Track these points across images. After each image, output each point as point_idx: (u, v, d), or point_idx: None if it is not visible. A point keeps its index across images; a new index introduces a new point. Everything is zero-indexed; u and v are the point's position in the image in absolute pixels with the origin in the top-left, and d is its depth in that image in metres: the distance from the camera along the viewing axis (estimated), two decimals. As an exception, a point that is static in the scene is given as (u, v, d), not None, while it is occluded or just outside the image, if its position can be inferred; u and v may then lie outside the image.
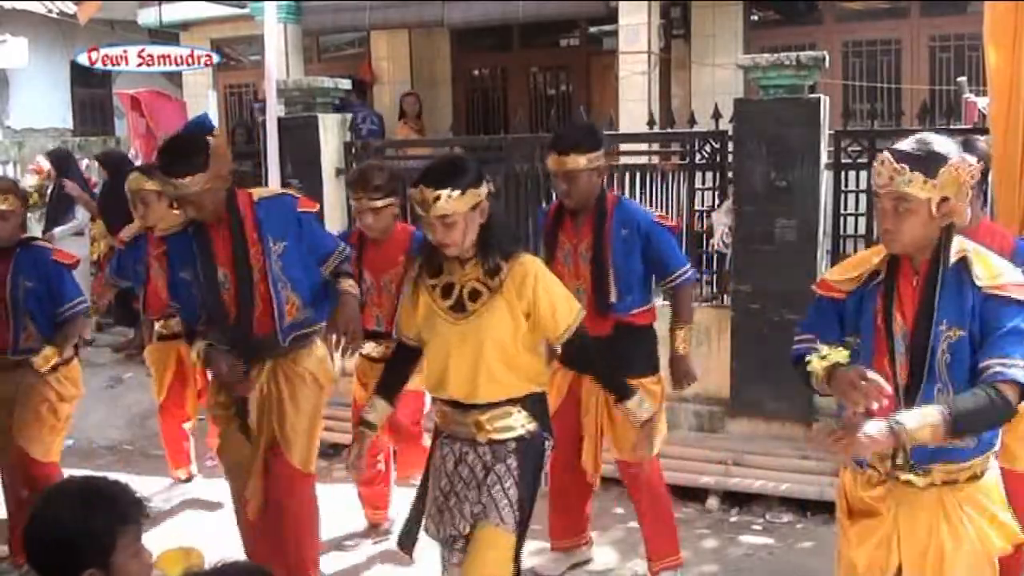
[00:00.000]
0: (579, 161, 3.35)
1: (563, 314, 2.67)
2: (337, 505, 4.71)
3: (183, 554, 1.95)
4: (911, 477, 2.32)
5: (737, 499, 4.61)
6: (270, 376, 3.27)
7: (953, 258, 2.29)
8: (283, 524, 3.33)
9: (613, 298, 3.44)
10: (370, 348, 4.00)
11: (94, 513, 1.80)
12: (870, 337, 2.36)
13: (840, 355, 2.21)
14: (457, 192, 2.53)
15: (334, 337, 3.21)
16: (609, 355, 3.38)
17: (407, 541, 2.88)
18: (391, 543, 4.23)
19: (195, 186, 2.98)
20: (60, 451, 4.06)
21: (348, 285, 3.29)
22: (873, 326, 2.36)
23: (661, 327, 3.69)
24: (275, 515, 3.33)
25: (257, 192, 3.29)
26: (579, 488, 3.75)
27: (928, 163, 2.21)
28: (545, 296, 2.63)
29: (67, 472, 3.86)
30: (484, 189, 2.62)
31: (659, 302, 3.88)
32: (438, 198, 2.53)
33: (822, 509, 4.36)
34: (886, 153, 2.26)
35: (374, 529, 4.34)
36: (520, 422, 2.69)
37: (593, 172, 3.39)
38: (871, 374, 2.12)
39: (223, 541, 3.40)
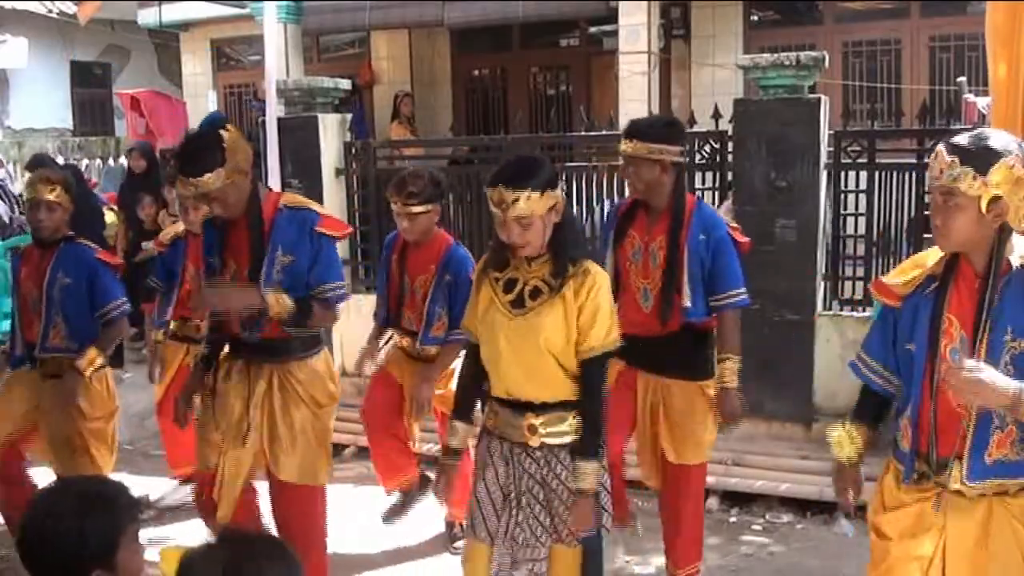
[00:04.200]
0: (640, 148, 3.26)
1: (598, 334, 2.60)
2: (337, 504, 4.72)
3: (184, 552, 1.95)
4: (961, 487, 2.25)
5: (737, 499, 4.60)
6: (269, 383, 3.20)
7: (1018, 262, 2.18)
8: (280, 530, 3.27)
9: (688, 302, 3.33)
10: (407, 342, 4.02)
11: (97, 514, 1.80)
12: (924, 347, 2.27)
13: (854, 448, 2.49)
14: (536, 193, 2.48)
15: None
16: (670, 357, 3.34)
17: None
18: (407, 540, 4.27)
19: (217, 182, 2.93)
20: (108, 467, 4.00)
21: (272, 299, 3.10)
22: (927, 335, 2.26)
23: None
24: (278, 522, 3.30)
25: (286, 199, 3.24)
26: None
27: (980, 159, 2.10)
28: (593, 308, 2.59)
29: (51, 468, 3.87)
30: (559, 190, 2.58)
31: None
32: (517, 199, 2.47)
33: (822, 509, 4.37)
34: (940, 145, 2.17)
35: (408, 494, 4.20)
36: (574, 427, 2.64)
37: (656, 164, 3.27)
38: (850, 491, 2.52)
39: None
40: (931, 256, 2.35)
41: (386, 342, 4.16)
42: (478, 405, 2.86)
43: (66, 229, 3.86)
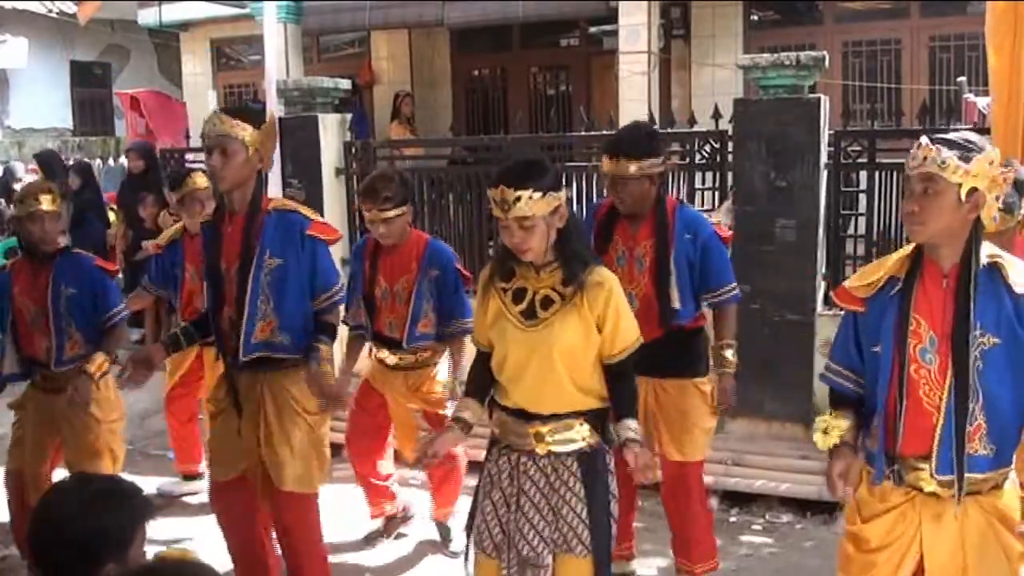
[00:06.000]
0: (628, 167, 3.22)
1: (623, 335, 2.58)
2: (337, 504, 4.72)
3: (180, 556, 1.96)
4: (935, 488, 2.26)
5: (737, 499, 4.60)
6: (261, 390, 3.18)
7: (985, 261, 2.21)
8: (282, 538, 3.28)
9: (677, 304, 3.33)
10: (385, 354, 3.97)
11: (111, 511, 1.86)
12: (891, 348, 2.27)
13: (838, 431, 2.35)
14: (538, 194, 2.44)
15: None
16: (661, 359, 3.30)
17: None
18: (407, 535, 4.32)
19: (240, 134, 2.99)
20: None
21: (324, 352, 3.17)
22: (894, 336, 2.26)
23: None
24: (277, 528, 3.30)
25: (275, 202, 3.24)
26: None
27: (963, 148, 2.16)
28: (614, 313, 2.56)
29: (68, 472, 3.86)
30: (563, 194, 2.54)
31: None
32: (519, 199, 2.43)
33: (822, 509, 4.37)
34: (923, 138, 2.22)
35: (391, 521, 4.32)
36: (582, 435, 2.59)
37: (645, 179, 3.25)
38: (842, 479, 2.31)
39: (223, 542, 3.39)
40: (892, 259, 2.37)
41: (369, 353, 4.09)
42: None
43: (61, 239, 3.82)
